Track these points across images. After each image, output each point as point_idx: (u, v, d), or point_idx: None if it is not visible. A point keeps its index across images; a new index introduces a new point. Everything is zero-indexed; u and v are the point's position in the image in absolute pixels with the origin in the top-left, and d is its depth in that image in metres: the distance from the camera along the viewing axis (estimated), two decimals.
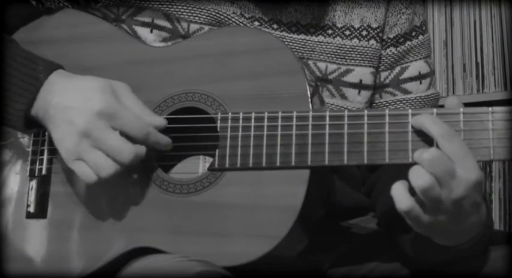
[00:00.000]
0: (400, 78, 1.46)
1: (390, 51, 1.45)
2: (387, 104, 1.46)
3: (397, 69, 1.46)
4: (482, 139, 1.14)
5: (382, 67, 1.45)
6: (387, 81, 1.45)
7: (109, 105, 1.22)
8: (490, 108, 1.15)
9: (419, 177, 1.10)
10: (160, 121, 1.25)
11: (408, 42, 1.46)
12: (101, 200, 1.29)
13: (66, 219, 1.30)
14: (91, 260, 1.26)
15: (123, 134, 1.22)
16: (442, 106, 1.48)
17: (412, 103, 1.46)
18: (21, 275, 1.30)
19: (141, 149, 1.23)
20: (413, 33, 1.47)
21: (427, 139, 1.15)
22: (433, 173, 1.10)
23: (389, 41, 1.44)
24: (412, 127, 1.16)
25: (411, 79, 1.46)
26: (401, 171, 1.14)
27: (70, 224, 1.30)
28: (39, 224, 1.32)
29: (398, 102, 1.45)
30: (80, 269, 1.27)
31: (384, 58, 1.45)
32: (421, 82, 1.47)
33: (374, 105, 1.47)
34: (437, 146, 1.13)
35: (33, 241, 1.31)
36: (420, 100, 1.46)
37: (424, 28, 1.49)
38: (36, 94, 1.25)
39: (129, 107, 1.23)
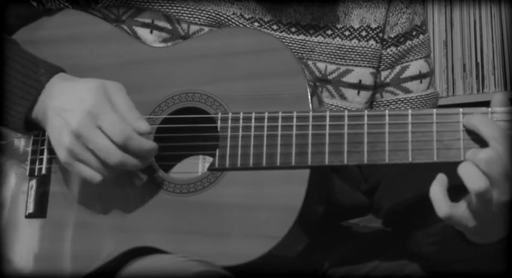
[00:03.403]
0: (401, 77, 1.46)
1: (391, 50, 1.45)
2: (388, 104, 1.46)
3: (398, 68, 1.46)
4: (482, 139, 1.14)
5: (383, 66, 1.45)
6: (388, 80, 1.46)
7: (97, 105, 1.22)
8: (489, 109, 1.15)
9: (475, 181, 1.09)
10: (144, 126, 1.22)
11: (409, 42, 1.46)
12: (101, 200, 1.29)
13: (66, 219, 1.30)
14: (91, 260, 1.26)
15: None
16: (441, 106, 1.51)
17: (413, 102, 1.46)
18: (21, 275, 1.30)
19: (128, 157, 1.22)
20: (414, 33, 1.47)
21: (426, 140, 1.16)
22: (488, 173, 1.09)
23: (390, 40, 1.44)
24: (464, 126, 1.15)
25: (412, 78, 1.46)
26: (407, 170, 1.14)
27: (70, 223, 1.30)
28: (39, 223, 1.32)
29: (399, 102, 1.46)
30: (79, 268, 1.27)
31: (385, 57, 1.45)
32: (421, 82, 1.47)
33: (375, 104, 1.47)
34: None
35: (33, 240, 1.32)
36: (421, 99, 1.46)
37: (424, 27, 1.49)
38: (37, 97, 1.26)
39: (118, 108, 1.23)
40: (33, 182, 1.33)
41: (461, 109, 1.16)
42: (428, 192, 1.16)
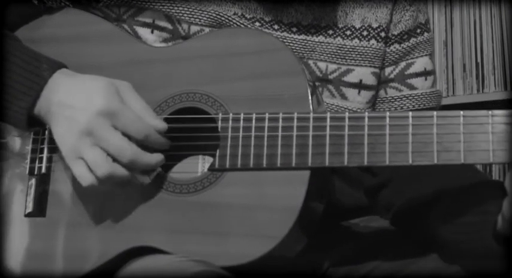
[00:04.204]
0: (406, 73, 1.46)
1: (394, 47, 1.45)
2: (393, 100, 1.46)
3: (403, 64, 1.46)
4: (482, 142, 1.14)
5: (387, 63, 1.45)
6: (392, 76, 1.45)
7: (112, 104, 1.22)
8: (490, 112, 1.15)
9: None
10: (162, 125, 1.24)
11: (413, 39, 1.46)
12: (101, 199, 1.29)
13: (65, 218, 1.30)
14: (90, 259, 1.27)
15: (125, 135, 1.22)
16: (441, 106, 1.51)
17: (418, 99, 1.45)
18: (21, 274, 1.30)
19: (143, 154, 1.23)
20: (418, 30, 1.47)
21: (427, 142, 1.16)
22: None
23: (393, 37, 1.44)
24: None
25: (417, 75, 1.46)
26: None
27: (69, 223, 1.30)
28: (38, 223, 1.32)
29: (404, 98, 1.45)
30: (79, 267, 1.27)
31: (388, 55, 1.45)
32: (426, 79, 1.47)
33: (379, 100, 1.46)
34: None
35: (32, 239, 1.31)
36: (426, 96, 1.46)
37: (428, 26, 1.49)
38: (40, 93, 1.26)
39: (132, 107, 1.23)
40: (33, 181, 1.33)
41: (461, 112, 1.16)
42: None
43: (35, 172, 1.33)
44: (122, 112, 1.22)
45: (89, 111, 1.21)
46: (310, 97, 1.23)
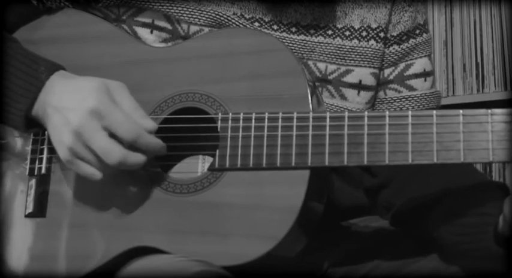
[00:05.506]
0: (405, 74, 1.46)
1: (393, 48, 1.45)
2: (392, 101, 1.46)
3: (402, 65, 1.46)
4: (482, 141, 1.14)
5: (386, 64, 1.45)
6: (391, 77, 1.45)
7: (101, 104, 1.21)
8: (489, 110, 1.15)
9: None
10: (151, 125, 1.23)
11: (412, 40, 1.46)
12: (101, 199, 1.29)
13: (66, 218, 1.30)
14: (90, 259, 1.26)
15: (114, 135, 1.22)
16: (441, 106, 1.51)
17: (418, 100, 1.46)
18: (21, 274, 1.30)
19: (131, 155, 1.22)
20: (417, 31, 1.47)
21: (426, 141, 1.16)
22: None
23: (392, 38, 1.44)
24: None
25: (416, 76, 1.46)
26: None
27: (69, 223, 1.30)
28: (38, 223, 1.32)
29: (403, 99, 1.45)
30: (79, 268, 1.27)
31: (387, 56, 1.45)
32: (425, 80, 1.47)
33: (378, 101, 1.46)
34: None
35: (32, 240, 1.31)
36: (426, 97, 1.46)
37: (426, 26, 1.49)
38: (37, 95, 1.26)
39: (122, 107, 1.23)
40: (33, 181, 1.33)
41: (461, 111, 1.16)
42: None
43: (35, 173, 1.33)
44: (111, 112, 1.21)
45: (79, 111, 1.21)
46: (310, 97, 1.23)
